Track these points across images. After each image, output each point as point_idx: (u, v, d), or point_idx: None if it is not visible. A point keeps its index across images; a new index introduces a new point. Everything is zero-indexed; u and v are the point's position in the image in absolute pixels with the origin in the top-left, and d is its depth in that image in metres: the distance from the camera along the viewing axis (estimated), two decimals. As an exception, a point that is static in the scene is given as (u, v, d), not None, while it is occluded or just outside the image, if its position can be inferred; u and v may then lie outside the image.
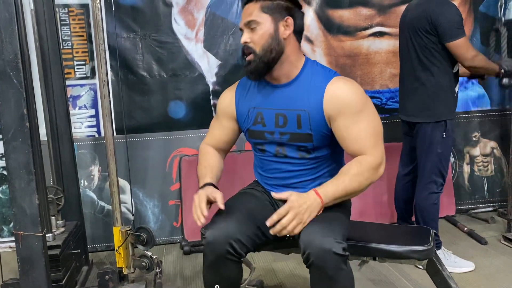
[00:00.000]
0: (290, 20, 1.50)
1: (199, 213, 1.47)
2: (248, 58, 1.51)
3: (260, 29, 1.48)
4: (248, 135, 1.65)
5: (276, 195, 1.57)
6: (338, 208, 1.52)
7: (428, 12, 2.21)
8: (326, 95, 1.48)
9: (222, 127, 1.72)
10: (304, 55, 1.60)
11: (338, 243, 1.34)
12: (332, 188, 1.44)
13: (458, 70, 2.35)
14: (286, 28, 1.50)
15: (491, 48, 3.15)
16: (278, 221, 1.39)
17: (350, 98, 1.47)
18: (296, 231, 1.39)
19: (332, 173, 1.59)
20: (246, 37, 1.50)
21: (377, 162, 1.47)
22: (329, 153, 1.60)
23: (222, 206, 1.47)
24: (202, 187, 1.57)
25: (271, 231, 1.40)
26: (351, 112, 1.46)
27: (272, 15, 1.49)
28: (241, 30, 1.54)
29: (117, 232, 2.18)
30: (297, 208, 1.39)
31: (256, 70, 1.51)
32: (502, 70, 2.35)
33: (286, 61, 1.52)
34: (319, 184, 1.53)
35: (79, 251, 2.27)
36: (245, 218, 1.50)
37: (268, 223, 1.40)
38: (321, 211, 1.43)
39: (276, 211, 1.41)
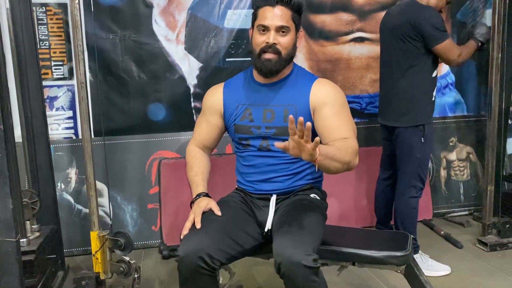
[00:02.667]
0: (302, 33, 1.71)
1: (189, 225, 1.55)
2: (270, 57, 1.59)
3: (289, 36, 1.61)
4: (234, 130, 1.71)
5: (279, 145, 1.32)
6: (313, 212, 1.57)
7: (411, 19, 2.25)
8: (313, 90, 1.64)
9: (208, 123, 1.78)
10: None
11: (308, 255, 1.36)
12: (324, 146, 1.39)
13: (436, 75, 2.39)
14: (299, 40, 1.68)
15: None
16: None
17: (334, 92, 1.64)
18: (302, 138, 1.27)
19: (311, 172, 1.69)
20: (274, 38, 1.59)
21: (356, 148, 1.49)
22: None
23: (219, 213, 1.58)
24: (196, 198, 1.65)
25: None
26: (334, 104, 1.60)
27: (296, 25, 1.64)
28: (264, 27, 1.59)
29: (94, 237, 2.14)
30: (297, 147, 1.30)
31: (277, 69, 1.62)
32: (479, 44, 2.50)
33: (288, 66, 1.67)
34: (299, 179, 1.68)
35: (54, 256, 2.22)
36: (218, 231, 1.51)
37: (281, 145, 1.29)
38: (318, 158, 1.32)
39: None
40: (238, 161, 1.79)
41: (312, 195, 1.68)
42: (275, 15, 1.58)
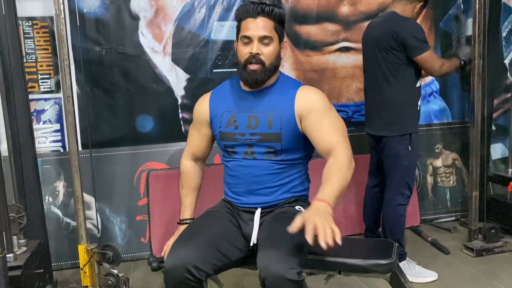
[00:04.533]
0: (286, 44, 1.73)
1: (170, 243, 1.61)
2: (255, 68, 1.62)
3: (272, 46, 1.63)
4: (220, 137, 1.72)
5: (293, 227, 1.37)
6: None
7: (393, 30, 2.29)
8: (298, 96, 1.66)
9: (199, 133, 1.82)
10: None
11: (292, 269, 1.37)
12: (328, 190, 1.44)
13: (420, 85, 2.44)
14: (283, 50, 1.70)
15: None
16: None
17: (318, 98, 1.66)
18: (329, 233, 1.29)
19: (297, 184, 1.70)
20: (257, 48, 1.61)
21: (349, 153, 1.56)
22: (295, 159, 1.69)
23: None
24: (182, 222, 1.77)
25: (310, 242, 1.31)
26: (320, 109, 1.63)
27: (279, 36, 1.66)
28: (247, 38, 1.62)
29: (82, 250, 2.13)
30: (317, 220, 1.32)
31: (262, 79, 1.64)
32: (462, 62, 2.57)
33: (274, 75, 1.69)
34: (283, 193, 1.67)
35: (42, 270, 2.21)
36: (205, 243, 1.53)
37: (308, 239, 1.31)
38: (332, 214, 1.37)
39: (307, 233, 1.31)
40: (225, 171, 1.80)
41: (297, 207, 1.68)
42: (257, 26, 1.61)
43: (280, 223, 1.56)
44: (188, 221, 1.77)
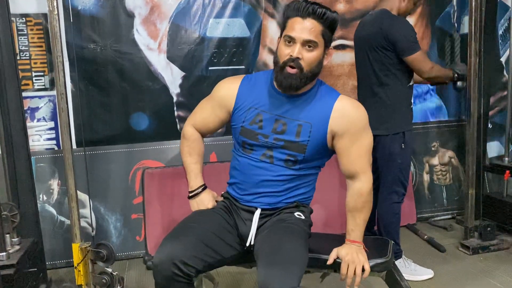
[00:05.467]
0: (332, 51, 1.60)
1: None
2: (292, 72, 1.51)
3: (315, 52, 1.52)
4: (240, 132, 1.63)
5: (329, 261, 1.63)
6: (298, 238, 1.54)
7: (383, 29, 2.27)
8: (334, 112, 1.57)
9: (213, 112, 1.72)
10: None
11: None
12: (357, 230, 1.63)
13: (413, 84, 2.43)
14: (326, 57, 1.58)
15: (446, 62, 3.27)
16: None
17: (356, 118, 1.58)
18: (358, 271, 1.56)
19: (303, 192, 1.68)
20: (298, 52, 1.50)
21: (370, 184, 1.63)
22: (311, 168, 1.66)
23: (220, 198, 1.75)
24: (197, 190, 1.76)
25: (347, 283, 1.57)
26: (356, 132, 1.58)
27: (325, 42, 1.54)
28: (290, 38, 1.51)
29: (76, 249, 2.12)
30: (350, 258, 1.57)
31: (297, 86, 1.54)
32: (456, 75, 2.52)
33: (312, 81, 1.59)
34: (289, 198, 1.64)
35: (36, 269, 2.18)
36: (194, 238, 1.50)
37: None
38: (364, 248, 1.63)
39: (342, 272, 1.59)
40: (234, 162, 1.72)
41: (297, 214, 1.64)
42: (304, 28, 1.48)
43: (280, 236, 1.52)
44: (202, 188, 1.75)
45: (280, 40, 1.56)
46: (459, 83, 2.57)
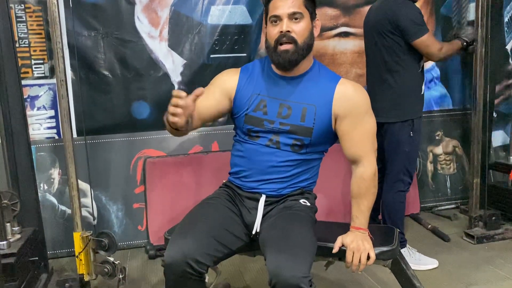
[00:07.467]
0: (319, 22, 1.60)
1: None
2: (287, 48, 1.50)
3: (303, 22, 1.52)
4: (245, 120, 1.60)
5: (335, 249, 1.59)
6: (305, 225, 1.52)
7: (390, 14, 2.24)
8: (336, 94, 1.56)
9: (213, 96, 1.62)
10: None
11: (305, 277, 1.31)
12: (361, 217, 1.61)
13: (423, 69, 2.39)
14: (316, 28, 1.58)
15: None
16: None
17: (358, 100, 1.57)
18: (363, 259, 1.53)
19: (308, 177, 1.66)
20: (287, 26, 1.50)
21: (375, 166, 1.61)
22: (317, 152, 1.64)
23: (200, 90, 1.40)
24: None
25: (352, 270, 1.56)
26: (358, 114, 1.56)
27: (310, 13, 1.55)
28: (276, 17, 1.51)
29: (77, 238, 2.10)
30: (356, 246, 1.54)
31: (295, 59, 1.52)
32: (464, 43, 2.51)
33: (308, 57, 1.57)
34: (293, 184, 1.62)
35: (37, 258, 2.17)
36: (204, 235, 1.46)
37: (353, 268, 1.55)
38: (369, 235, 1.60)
39: (347, 260, 1.55)
40: (235, 151, 1.68)
41: (302, 201, 1.62)
42: (286, 3, 1.50)
43: (288, 223, 1.50)
44: None
45: (266, 27, 1.57)
46: (470, 48, 2.56)
